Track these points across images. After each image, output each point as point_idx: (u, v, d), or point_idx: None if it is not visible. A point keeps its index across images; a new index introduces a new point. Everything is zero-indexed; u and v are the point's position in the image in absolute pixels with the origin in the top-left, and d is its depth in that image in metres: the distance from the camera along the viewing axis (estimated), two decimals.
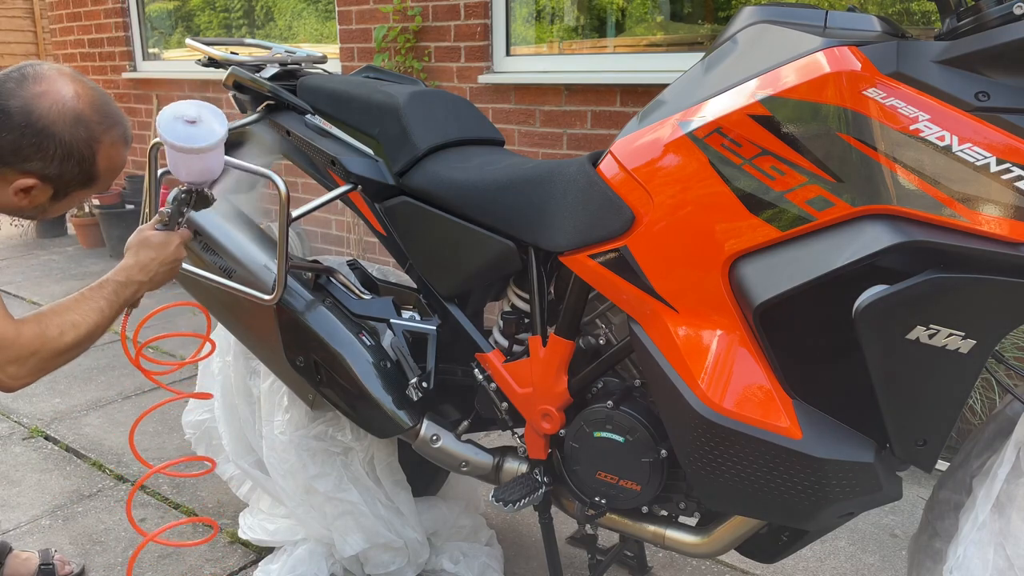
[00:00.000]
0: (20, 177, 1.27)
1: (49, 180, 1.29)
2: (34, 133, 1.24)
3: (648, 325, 1.30)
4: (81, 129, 1.27)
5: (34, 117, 1.23)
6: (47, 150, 1.25)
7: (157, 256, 1.43)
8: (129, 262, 1.42)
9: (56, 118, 1.25)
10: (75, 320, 1.31)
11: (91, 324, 1.33)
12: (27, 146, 1.24)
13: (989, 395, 2.50)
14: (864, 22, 1.14)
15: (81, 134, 1.28)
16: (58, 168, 1.28)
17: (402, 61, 3.55)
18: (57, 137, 1.25)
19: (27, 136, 1.23)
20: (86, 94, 1.29)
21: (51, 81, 1.27)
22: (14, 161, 1.25)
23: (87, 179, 1.33)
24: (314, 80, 1.79)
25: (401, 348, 1.66)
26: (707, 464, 1.26)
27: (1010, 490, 1.12)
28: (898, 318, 1.06)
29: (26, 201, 1.31)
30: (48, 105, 1.25)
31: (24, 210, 1.35)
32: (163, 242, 1.44)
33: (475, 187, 1.52)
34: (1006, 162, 1.00)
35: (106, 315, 1.36)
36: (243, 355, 1.92)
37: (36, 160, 1.26)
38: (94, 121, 1.29)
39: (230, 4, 4.72)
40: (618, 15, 3.24)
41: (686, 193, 1.21)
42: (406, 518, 1.85)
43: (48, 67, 1.29)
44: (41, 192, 1.31)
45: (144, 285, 1.43)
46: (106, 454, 2.59)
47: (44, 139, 1.24)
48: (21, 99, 1.23)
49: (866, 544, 2.15)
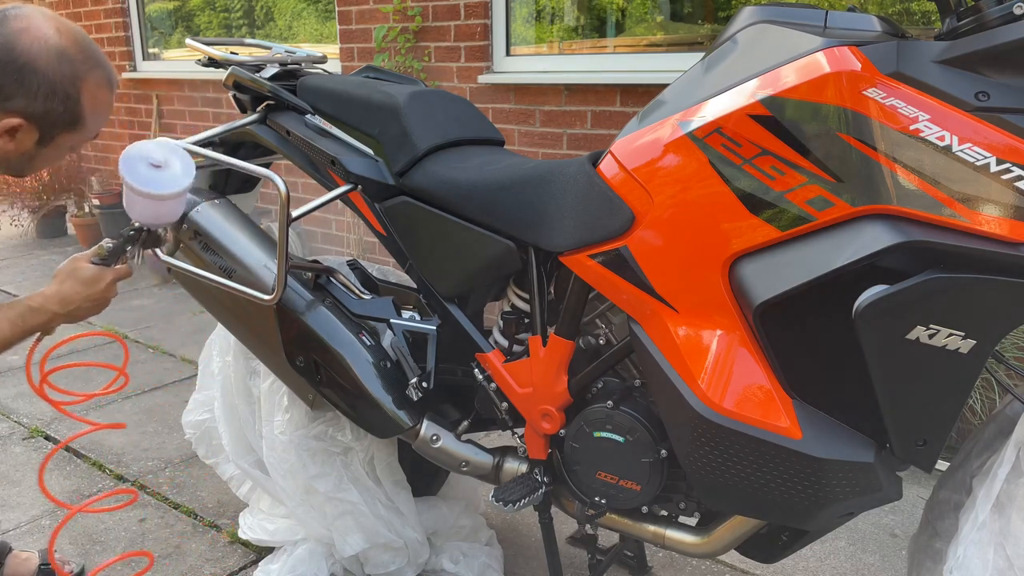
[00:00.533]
0: (4, 116, 1.24)
1: (34, 120, 1.26)
2: (16, 69, 1.21)
3: (648, 325, 1.30)
4: (65, 65, 1.25)
5: (16, 53, 1.21)
6: (30, 86, 1.22)
7: (82, 292, 1.39)
8: (51, 290, 1.38)
9: (39, 53, 1.22)
10: None
11: None
12: (10, 83, 1.21)
13: (989, 395, 2.50)
14: (864, 22, 1.14)
15: (65, 70, 1.25)
16: (42, 105, 1.24)
17: (402, 61, 3.55)
18: (40, 72, 1.22)
19: (9, 72, 1.21)
20: (68, 32, 1.27)
21: (32, 19, 1.24)
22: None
23: (72, 120, 1.29)
24: (314, 80, 1.79)
25: (401, 348, 1.66)
26: (707, 464, 1.26)
27: (1010, 490, 1.12)
28: (898, 318, 1.06)
29: (12, 145, 1.27)
30: (30, 41, 1.22)
31: (10, 157, 1.30)
32: (93, 278, 1.40)
33: (475, 187, 1.52)
34: (1006, 162, 1.00)
35: (5, 335, 1.31)
36: (243, 355, 1.92)
37: (19, 97, 1.22)
38: (78, 59, 1.26)
39: (230, 4, 4.72)
40: (618, 15, 3.24)
41: (686, 193, 1.21)
42: (406, 518, 1.85)
43: (29, 8, 1.26)
44: (27, 135, 1.27)
45: (59, 317, 1.38)
46: (106, 454, 2.60)
47: (26, 75, 1.22)
48: (2, 36, 1.21)
49: (866, 544, 2.15)
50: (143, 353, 3.48)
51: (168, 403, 2.97)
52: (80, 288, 1.38)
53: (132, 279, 4.55)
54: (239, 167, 1.61)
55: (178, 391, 3.09)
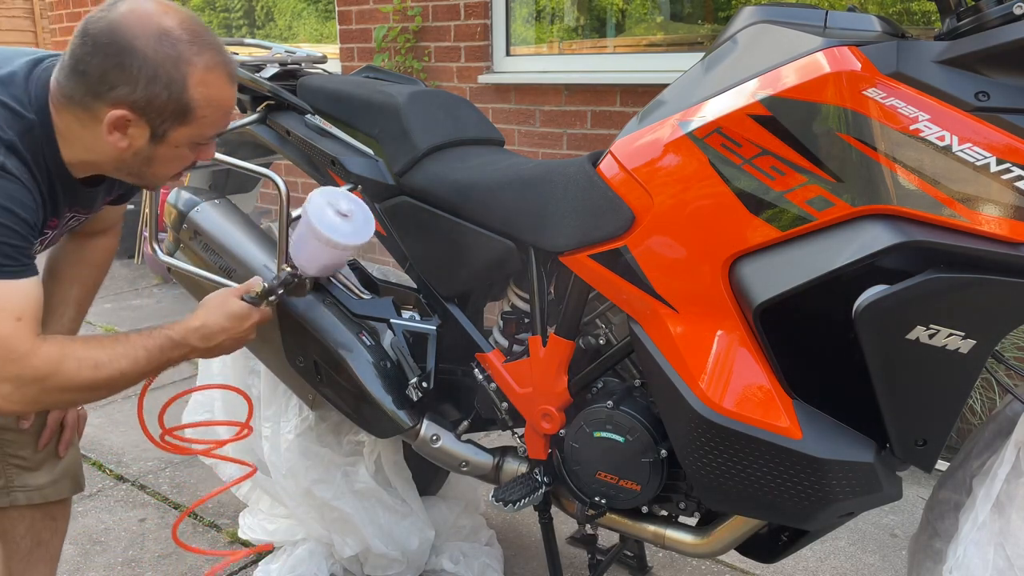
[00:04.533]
0: (110, 109, 1.14)
1: (139, 109, 1.14)
2: (116, 51, 1.11)
3: (648, 325, 1.30)
4: (167, 45, 1.13)
5: (117, 35, 1.12)
6: (130, 69, 1.12)
7: (229, 328, 1.31)
8: (195, 323, 1.29)
9: (139, 32, 1.12)
10: (99, 359, 1.17)
11: (116, 370, 1.18)
12: (111, 68, 1.12)
13: (989, 395, 2.50)
14: (864, 22, 1.14)
15: (168, 51, 1.13)
16: (144, 91, 1.13)
17: (402, 61, 3.55)
18: (139, 52, 1.11)
19: (110, 56, 1.11)
20: (174, 12, 1.16)
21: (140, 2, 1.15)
22: (102, 90, 1.13)
23: (181, 109, 1.16)
24: (314, 80, 1.79)
25: (401, 348, 1.66)
26: (707, 464, 1.26)
27: (1010, 490, 1.12)
28: (898, 318, 1.06)
29: (125, 143, 1.17)
30: (132, 22, 1.13)
31: (127, 159, 1.20)
32: (241, 315, 1.33)
33: (475, 187, 1.52)
34: (1006, 162, 1.00)
35: (140, 367, 1.21)
36: (243, 355, 1.92)
37: (122, 84, 1.12)
38: (183, 40, 1.14)
39: (230, 4, 4.72)
40: (618, 15, 3.24)
41: (686, 193, 1.21)
42: (412, 521, 1.85)
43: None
44: (137, 129, 1.16)
45: (198, 352, 1.30)
46: (106, 454, 2.59)
47: (126, 56, 1.11)
48: (106, 21, 1.13)
49: (866, 544, 2.15)
50: None
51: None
52: (226, 323, 1.31)
53: (132, 279, 4.55)
54: (239, 167, 1.61)
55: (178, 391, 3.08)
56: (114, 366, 1.18)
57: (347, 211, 1.35)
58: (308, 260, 1.37)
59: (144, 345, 1.22)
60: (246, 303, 1.34)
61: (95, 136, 1.17)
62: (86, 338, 1.20)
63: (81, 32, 1.14)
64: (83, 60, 1.13)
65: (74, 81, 1.14)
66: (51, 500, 1.46)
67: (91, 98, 1.14)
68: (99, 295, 1.62)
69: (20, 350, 1.09)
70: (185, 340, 1.27)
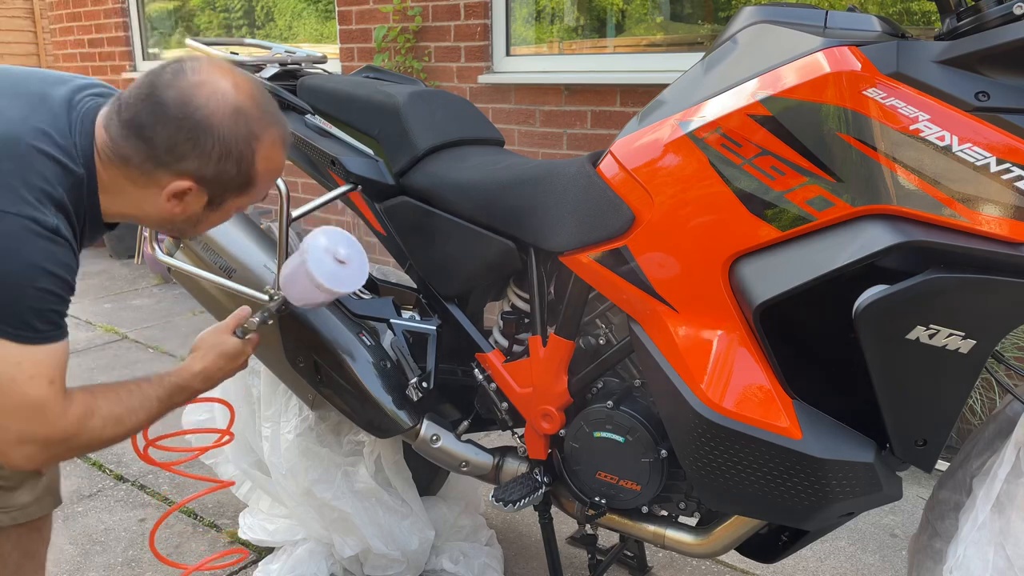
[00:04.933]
0: (175, 179, 1.13)
1: (205, 183, 1.15)
2: (191, 126, 1.10)
3: (648, 325, 1.30)
4: (241, 124, 1.13)
5: (191, 108, 1.10)
6: (204, 146, 1.11)
7: (225, 368, 1.35)
8: (195, 367, 1.32)
9: (215, 109, 1.11)
10: (120, 415, 1.19)
11: (134, 424, 1.22)
12: (183, 141, 1.10)
13: (989, 395, 2.50)
14: (864, 22, 1.14)
15: (241, 130, 1.13)
16: (215, 168, 1.13)
17: (402, 61, 3.55)
18: (216, 131, 1.11)
19: (183, 130, 1.10)
20: (246, 87, 1.15)
21: (209, 72, 1.14)
22: (169, 160, 1.12)
23: (244, 183, 1.18)
24: (314, 80, 1.79)
25: (401, 348, 1.66)
26: (707, 464, 1.26)
27: (1010, 490, 1.12)
28: (898, 318, 1.06)
29: (179, 208, 1.17)
30: (207, 95, 1.11)
31: (176, 220, 1.21)
32: (237, 352, 1.36)
33: (475, 187, 1.52)
34: (1006, 162, 1.00)
35: (152, 417, 1.24)
36: None
37: (192, 158, 1.12)
38: (254, 116, 1.15)
39: (230, 4, 4.72)
40: (618, 15, 3.24)
41: (686, 193, 1.21)
42: (413, 521, 1.85)
43: (206, 60, 1.16)
44: (195, 198, 1.17)
45: (198, 392, 1.33)
46: (106, 454, 2.59)
47: (201, 133, 1.11)
48: (178, 89, 1.10)
49: (866, 544, 2.15)
50: (143, 353, 3.47)
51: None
52: (224, 364, 1.34)
53: (132, 279, 4.55)
54: None
55: None
56: (133, 420, 1.21)
57: (345, 257, 1.38)
58: (298, 296, 1.40)
59: (157, 396, 1.25)
60: (239, 339, 1.37)
61: (146, 196, 1.16)
62: (105, 390, 1.20)
63: (146, 94, 1.11)
64: (149, 126, 1.10)
65: (135, 145, 1.11)
66: (34, 518, 1.43)
67: (153, 164, 1.12)
68: (99, 295, 1.62)
69: (51, 414, 1.10)
70: (189, 385, 1.31)
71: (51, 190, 1.09)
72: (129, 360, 3.39)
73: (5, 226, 1.04)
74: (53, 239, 1.08)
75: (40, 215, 1.06)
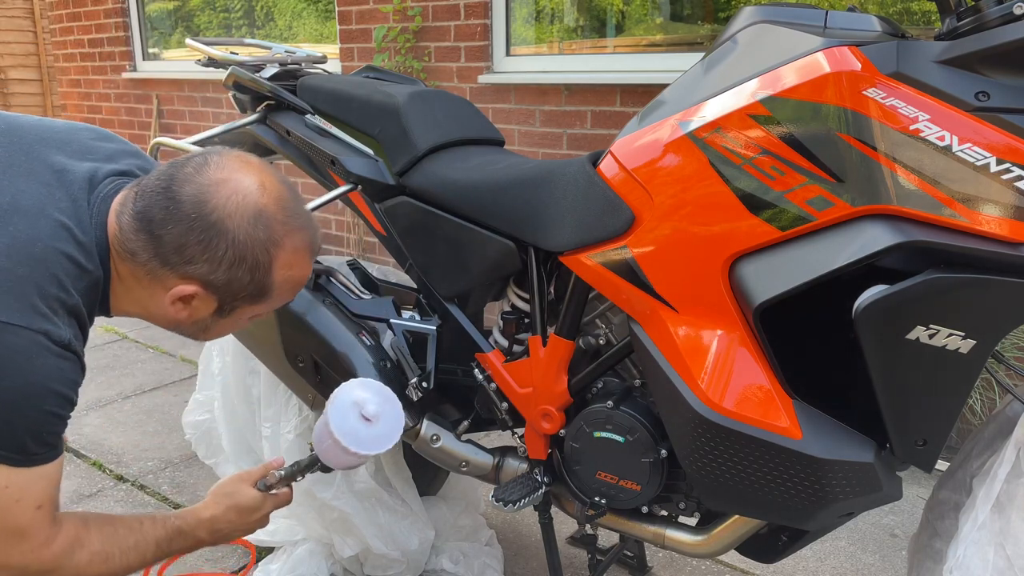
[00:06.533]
0: (181, 283, 1.04)
1: (214, 289, 1.05)
2: (203, 228, 1.01)
3: (648, 325, 1.30)
4: (260, 228, 1.03)
5: (207, 208, 1.01)
6: (216, 249, 1.02)
7: (236, 522, 1.24)
8: (204, 514, 1.22)
9: (232, 211, 1.02)
10: (110, 553, 1.10)
11: (124, 565, 1.12)
12: (193, 243, 1.01)
13: (989, 395, 2.50)
14: (864, 22, 1.14)
15: (259, 234, 1.03)
16: (226, 274, 1.04)
17: (402, 61, 3.55)
18: (230, 234, 1.02)
19: (195, 231, 1.01)
20: (274, 188, 1.06)
21: (234, 169, 1.05)
22: (176, 262, 1.03)
23: (258, 292, 1.08)
24: (314, 80, 1.79)
25: (401, 348, 1.66)
26: (707, 464, 1.26)
27: (1010, 490, 1.12)
28: (898, 318, 1.06)
29: (185, 313, 1.09)
30: (226, 195, 1.02)
31: (182, 325, 1.12)
32: (253, 507, 1.25)
33: (475, 187, 1.52)
34: (1006, 162, 1.00)
35: (147, 561, 1.15)
36: (243, 355, 1.92)
37: (201, 262, 1.02)
38: (277, 220, 1.05)
39: (230, 4, 4.72)
40: (618, 15, 3.24)
41: (686, 193, 1.21)
42: (412, 521, 1.85)
43: (234, 154, 1.08)
44: (203, 304, 1.08)
45: (204, 543, 1.23)
46: (106, 454, 2.59)
47: (214, 235, 1.01)
48: (196, 186, 1.02)
49: (866, 544, 2.15)
50: (143, 353, 3.48)
51: (168, 403, 2.97)
52: (235, 518, 1.24)
53: None
54: None
55: (178, 391, 3.09)
56: (123, 560, 1.12)
57: (373, 415, 1.26)
58: (325, 455, 1.28)
59: (156, 538, 1.17)
60: (258, 493, 1.26)
61: (152, 297, 1.08)
62: (101, 523, 1.13)
63: (163, 187, 1.03)
64: (159, 222, 1.02)
65: (143, 241, 1.03)
66: None
67: (159, 263, 1.04)
68: None
69: (34, 542, 1.03)
70: (194, 532, 1.21)
71: (66, 297, 1.01)
72: (129, 360, 3.39)
73: (15, 340, 0.96)
74: (63, 355, 1.01)
75: (52, 327, 0.99)
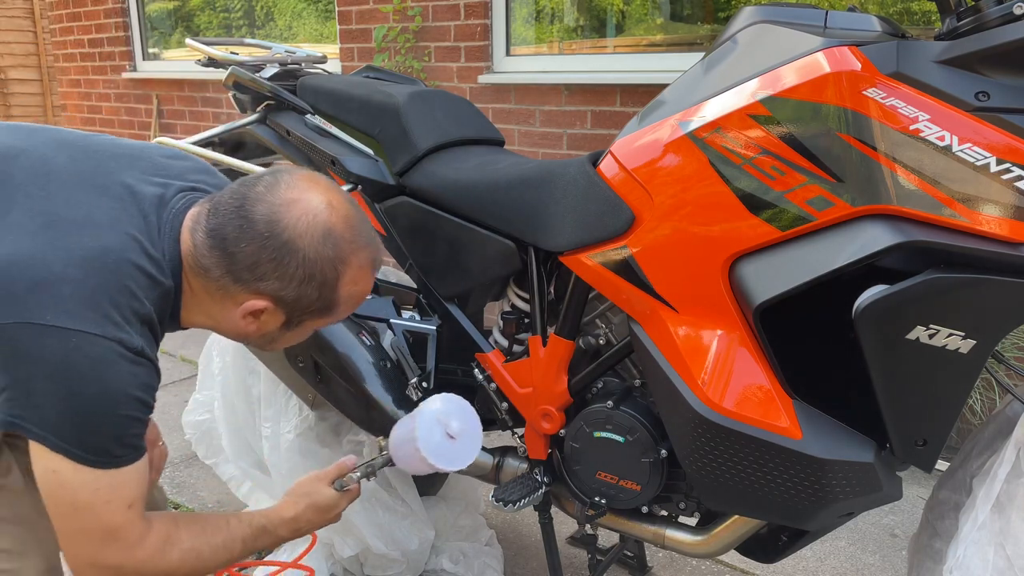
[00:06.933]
0: (252, 298, 1.09)
1: (283, 304, 1.11)
2: (277, 246, 1.06)
3: (648, 325, 1.30)
4: (329, 247, 1.08)
5: (279, 227, 1.06)
6: (287, 267, 1.07)
7: (315, 520, 1.30)
8: (286, 514, 1.27)
9: (304, 231, 1.06)
10: (201, 551, 1.14)
11: (214, 562, 1.16)
12: (266, 261, 1.06)
13: (989, 395, 2.50)
14: (864, 22, 1.14)
15: (328, 252, 1.08)
16: (296, 290, 1.09)
17: (402, 61, 3.55)
18: (301, 253, 1.07)
19: (267, 249, 1.06)
20: (341, 207, 1.11)
21: (304, 188, 1.09)
22: (248, 279, 1.08)
23: (324, 307, 1.14)
24: (314, 80, 1.79)
25: (401, 348, 1.66)
26: (707, 464, 1.26)
27: (1010, 490, 1.12)
28: (898, 318, 1.06)
29: (254, 327, 1.14)
30: (297, 215, 1.06)
31: (250, 337, 1.18)
32: (330, 505, 1.31)
33: (475, 187, 1.52)
34: (1006, 162, 1.00)
35: (234, 557, 1.19)
36: (243, 355, 1.92)
37: (273, 279, 1.07)
38: (345, 239, 1.10)
39: (230, 4, 4.72)
40: (618, 15, 3.24)
41: (686, 193, 1.21)
42: (412, 520, 1.85)
43: (303, 174, 1.13)
44: (272, 318, 1.13)
45: (283, 541, 1.29)
46: None
47: (286, 254, 1.06)
48: (268, 205, 1.06)
49: (866, 544, 2.15)
50: None
51: (168, 403, 2.97)
52: (314, 516, 1.30)
53: None
54: (239, 167, 1.61)
55: (178, 391, 3.09)
56: (213, 557, 1.16)
57: (456, 432, 1.35)
58: (402, 460, 1.37)
59: (242, 536, 1.20)
60: (335, 492, 1.32)
61: (223, 311, 1.13)
62: (189, 521, 1.16)
63: (237, 206, 1.07)
64: (233, 240, 1.06)
65: (216, 258, 1.08)
66: None
67: (231, 280, 1.08)
68: None
69: (128, 540, 1.06)
70: (276, 531, 1.26)
71: (139, 307, 1.05)
72: None
73: (92, 350, 1.00)
74: (138, 361, 1.04)
75: (126, 336, 1.02)
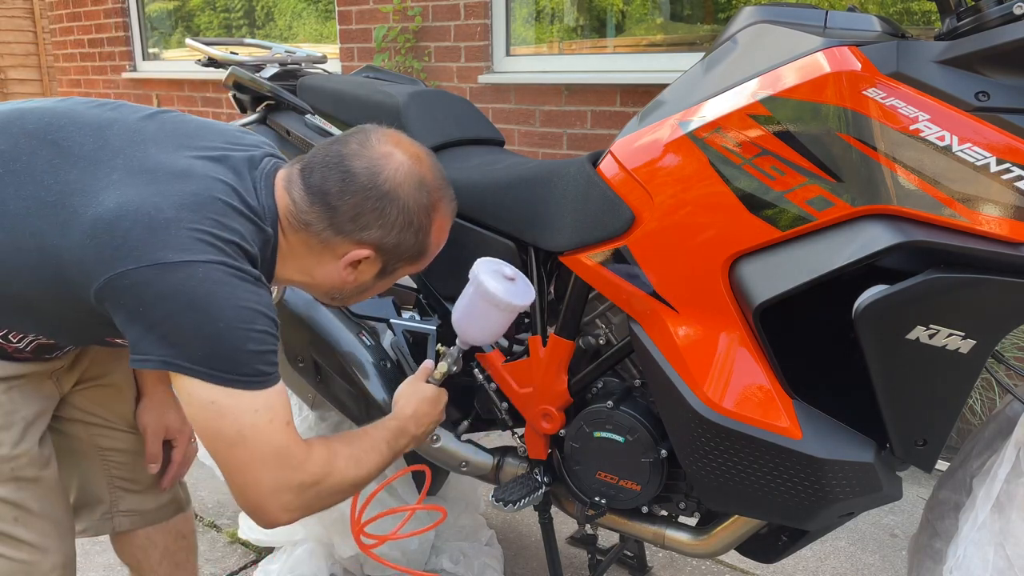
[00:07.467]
0: (355, 248, 1.15)
1: (383, 252, 1.16)
2: (379, 196, 1.12)
3: (648, 325, 1.30)
4: (423, 194, 1.15)
5: (380, 179, 1.12)
6: (389, 215, 1.13)
7: (431, 413, 1.37)
8: (406, 411, 1.33)
9: (402, 180, 1.13)
10: (358, 456, 1.19)
11: (371, 465, 1.21)
12: (369, 211, 1.12)
13: (989, 395, 2.50)
14: (864, 22, 1.14)
15: (423, 200, 1.16)
16: (396, 237, 1.15)
17: (402, 61, 3.55)
18: (401, 201, 1.13)
19: (371, 199, 1.12)
20: (426, 158, 1.19)
21: (394, 143, 1.16)
22: (351, 229, 1.13)
23: (418, 252, 1.20)
24: (314, 80, 1.79)
25: (401, 348, 1.66)
26: (707, 464, 1.26)
27: (1010, 490, 1.12)
28: (898, 318, 1.06)
29: (352, 276, 1.19)
30: (395, 167, 1.13)
31: (346, 288, 1.22)
32: (436, 399, 1.39)
33: (475, 187, 1.52)
34: (1006, 162, 1.00)
35: (384, 459, 1.24)
36: None
37: (375, 228, 1.13)
38: (435, 187, 1.18)
39: (230, 4, 4.72)
40: (618, 15, 3.24)
41: (686, 193, 1.21)
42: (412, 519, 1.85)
43: (388, 130, 1.19)
44: (370, 266, 1.18)
45: (415, 440, 1.34)
46: None
47: (388, 203, 1.12)
48: (367, 160, 1.12)
49: (866, 544, 2.15)
50: None
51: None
52: (429, 409, 1.37)
53: None
54: None
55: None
56: (370, 461, 1.20)
57: (512, 274, 1.40)
58: (481, 330, 1.39)
59: (385, 439, 1.25)
60: (435, 386, 1.41)
61: (320, 263, 1.17)
62: (336, 435, 1.21)
63: (335, 162, 1.12)
64: (335, 194, 1.11)
65: (318, 212, 1.12)
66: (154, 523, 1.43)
67: (333, 232, 1.13)
68: None
69: (298, 456, 1.09)
70: (406, 428, 1.31)
71: (247, 246, 1.06)
72: None
73: (219, 275, 1.01)
74: (259, 285, 1.06)
75: (239, 263, 1.04)
